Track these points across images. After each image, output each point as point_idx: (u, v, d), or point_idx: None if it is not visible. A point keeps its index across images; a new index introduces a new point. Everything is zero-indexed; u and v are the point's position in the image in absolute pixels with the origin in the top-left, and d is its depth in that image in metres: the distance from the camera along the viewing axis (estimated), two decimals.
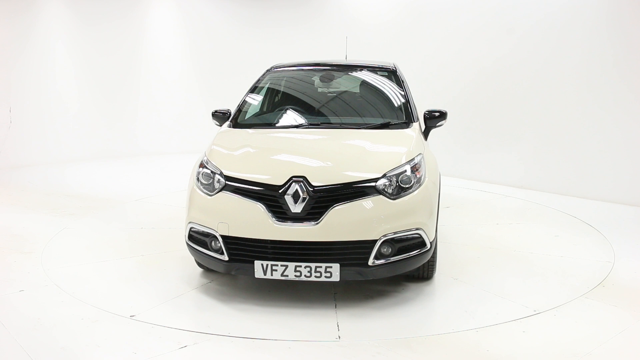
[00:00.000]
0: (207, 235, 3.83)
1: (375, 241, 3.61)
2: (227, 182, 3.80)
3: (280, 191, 3.64)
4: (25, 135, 9.05)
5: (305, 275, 3.60)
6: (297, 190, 3.62)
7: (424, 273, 4.18)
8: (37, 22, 9.08)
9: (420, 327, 3.58)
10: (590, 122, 7.02)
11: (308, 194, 3.61)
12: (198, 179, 3.97)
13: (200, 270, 4.44)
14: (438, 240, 5.15)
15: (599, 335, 3.47)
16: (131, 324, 3.57)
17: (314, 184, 3.64)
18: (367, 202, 3.62)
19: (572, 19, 7.08)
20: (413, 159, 3.91)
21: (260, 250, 3.67)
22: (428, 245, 3.80)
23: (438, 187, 4.15)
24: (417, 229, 3.71)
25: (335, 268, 3.57)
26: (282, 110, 5.06)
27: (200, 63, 10.87)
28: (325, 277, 3.59)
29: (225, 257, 3.75)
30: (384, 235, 3.61)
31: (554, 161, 7.38)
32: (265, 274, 3.64)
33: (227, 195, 3.77)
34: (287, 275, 3.62)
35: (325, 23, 9.96)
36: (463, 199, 6.91)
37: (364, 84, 5.20)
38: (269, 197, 3.66)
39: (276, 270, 3.62)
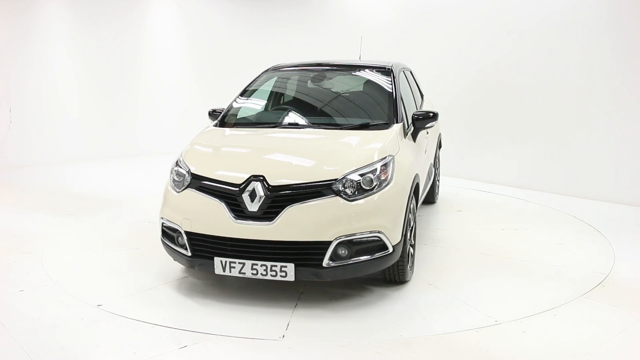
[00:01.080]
0: (175, 230, 3.96)
1: (329, 242, 3.59)
2: (192, 179, 3.92)
3: (238, 189, 3.70)
4: (25, 135, 9.05)
5: (261, 274, 3.65)
6: (254, 189, 3.67)
7: (395, 277, 4.11)
8: (37, 22, 9.08)
9: (365, 331, 3.51)
10: (591, 122, 7.02)
11: (265, 193, 3.64)
12: (171, 176, 4.11)
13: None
14: (432, 244, 5.12)
15: (599, 335, 3.47)
16: (131, 324, 3.57)
17: (271, 183, 3.68)
18: (322, 203, 3.62)
19: (571, 19, 7.07)
20: (378, 161, 3.86)
21: (220, 247, 3.75)
22: (390, 249, 3.75)
23: (408, 190, 4.03)
24: (377, 231, 3.68)
25: (290, 268, 3.60)
26: (266, 110, 5.12)
27: (200, 63, 10.87)
28: (281, 276, 3.62)
29: (189, 253, 3.87)
30: (340, 237, 3.60)
31: (554, 161, 7.38)
32: (224, 271, 3.72)
33: (192, 192, 3.89)
34: (244, 273, 3.69)
35: (325, 23, 9.96)
36: (474, 202, 6.79)
37: (354, 84, 5.18)
38: (229, 195, 3.73)
39: (234, 267, 3.69)
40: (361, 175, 3.74)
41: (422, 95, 6.33)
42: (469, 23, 8.09)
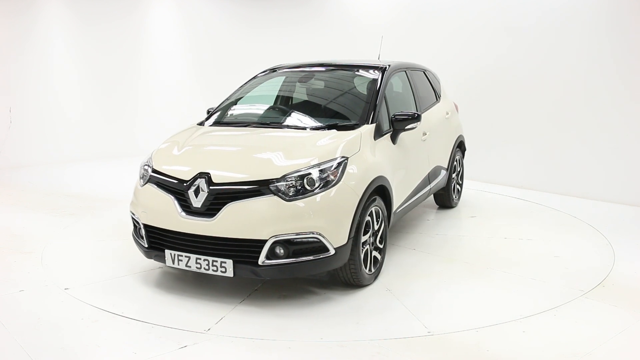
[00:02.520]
0: (137, 222, 4.16)
1: (265, 241, 3.63)
2: (152, 174, 4.13)
3: (185, 185, 3.84)
4: (25, 135, 9.05)
5: (204, 268, 3.77)
6: (198, 186, 3.80)
7: (348, 279, 4.04)
8: (37, 22, 9.08)
9: (290, 331, 3.49)
10: (591, 121, 7.02)
11: (207, 190, 3.75)
12: (141, 171, 4.31)
13: None
14: (421, 249, 5.01)
15: (599, 335, 3.47)
16: (131, 324, 3.58)
17: (214, 180, 3.77)
18: (259, 202, 3.67)
19: (571, 19, 7.07)
20: (325, 162, 3.84)
21: (170, 240, 3.91)
22: (331, 251, 3.72)
23: (361, 192, 3.92)
24: (316, 232, 3.67)
25: (229, 264, 3.69)
26: (245, 110, 5.19)
27: (200, 63, 10.87)
28: (221, 271, 3.72)
29: (146, 244, 4.08)
30: (276, 236, 3.62)
31: (553, 161, 7.38)
32: (173, 263, 3.89)
33: (150, 187, 4.10)
34: (190, 267, 3.82)
35: (325, 23, 9.96)
36: (493, 207, 6.58)
37: (340, 85, 5.14)
38: (178, 190, 3.90)
39: (182, 260, 3.84)
40: (303, 175, 3.74)
41: (437, 97, 6.16)
42: (469, 23, 8.09)
